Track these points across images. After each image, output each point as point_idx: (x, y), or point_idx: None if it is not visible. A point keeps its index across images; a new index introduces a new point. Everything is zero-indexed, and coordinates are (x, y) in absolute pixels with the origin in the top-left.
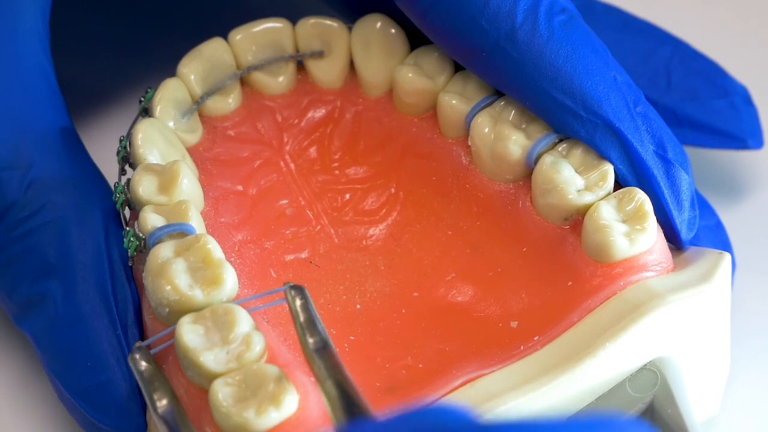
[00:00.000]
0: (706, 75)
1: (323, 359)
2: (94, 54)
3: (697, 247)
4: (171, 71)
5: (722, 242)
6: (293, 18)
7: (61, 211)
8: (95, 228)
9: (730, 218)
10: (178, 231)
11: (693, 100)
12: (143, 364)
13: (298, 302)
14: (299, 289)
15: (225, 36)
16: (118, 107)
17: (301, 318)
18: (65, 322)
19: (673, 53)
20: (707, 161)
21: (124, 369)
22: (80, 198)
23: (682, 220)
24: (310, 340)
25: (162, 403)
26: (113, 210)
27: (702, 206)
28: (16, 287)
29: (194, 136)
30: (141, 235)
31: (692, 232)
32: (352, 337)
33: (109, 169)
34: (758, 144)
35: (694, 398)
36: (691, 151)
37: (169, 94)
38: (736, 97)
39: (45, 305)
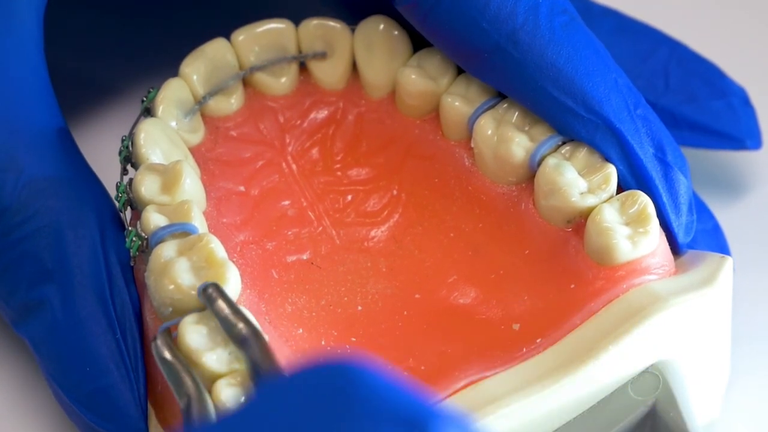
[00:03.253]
0: (704, 76)
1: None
2: (97, 53)
3: (697, 250)
4: (173, 71)
5: (720, 246)
6: (296, 19)
7: (55, 215)
8: (90, 231)
9: (728, 218)
10: (180, 231)
11: (691, 102)
12: (166, 352)
13: (218, 301)
14: (215, 286)
15: (228, 36)
16: (120, 107)
17: (226, 312)
18: (63, 327)
19: (671, 55)
20: (705, 161)
21: (123, 373)
22: (74, 201)
23: (679, 223)
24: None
25: (182, 399)
26: (109, 212)
27: (700, 209)
28: (13, 292)
29: (196, 136)
30: (143, 234)
31: (689, 236)
32: (353, 339)
33: (111, 169)
34: (756, 144)
35: (696, 401)
36: (689, 152)
37: (172, 94)
38: (734, 98)
39: (42, 310)
